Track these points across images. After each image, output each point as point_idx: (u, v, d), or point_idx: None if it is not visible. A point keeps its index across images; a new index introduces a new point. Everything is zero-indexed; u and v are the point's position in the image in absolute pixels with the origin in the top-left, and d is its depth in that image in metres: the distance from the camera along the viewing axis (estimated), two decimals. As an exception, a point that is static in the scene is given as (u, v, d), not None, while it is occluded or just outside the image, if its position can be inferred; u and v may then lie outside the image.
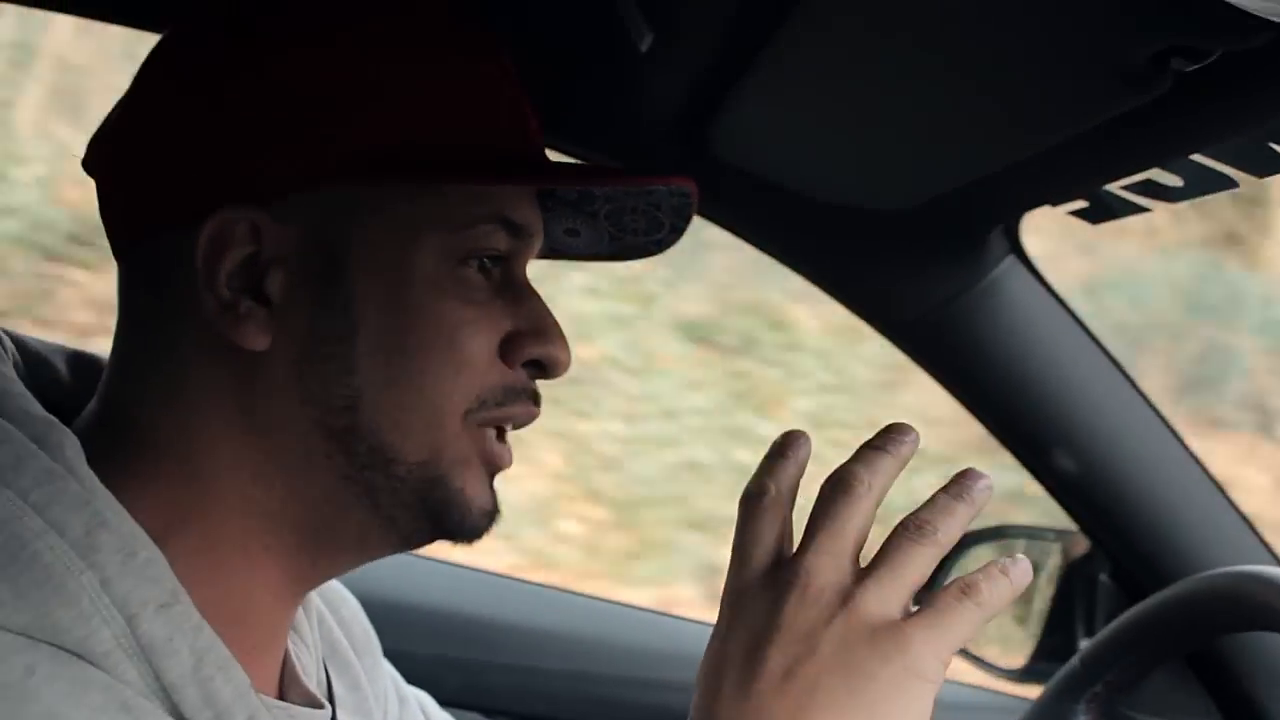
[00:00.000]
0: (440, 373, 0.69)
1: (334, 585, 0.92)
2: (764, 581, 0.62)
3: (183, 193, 0.69)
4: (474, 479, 0.72)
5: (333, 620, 0.88)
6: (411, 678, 1.04)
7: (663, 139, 1.15)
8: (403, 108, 0.69)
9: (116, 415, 0.70)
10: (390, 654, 0.99)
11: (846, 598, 0.60)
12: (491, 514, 0.73)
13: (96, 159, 0.73)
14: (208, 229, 0.67)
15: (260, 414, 0.68)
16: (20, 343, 0.75)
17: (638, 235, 0.81)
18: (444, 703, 1.09)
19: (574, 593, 1.74)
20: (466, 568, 1.68)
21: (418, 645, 1.43)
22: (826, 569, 0.61)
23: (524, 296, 0.74)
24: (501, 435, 0.74)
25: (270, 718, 0.66)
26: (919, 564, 0.61)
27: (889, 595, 0.61)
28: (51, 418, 0.66)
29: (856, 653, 0.59)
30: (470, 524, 0.72)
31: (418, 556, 1.51)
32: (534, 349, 0.73)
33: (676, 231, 0.80)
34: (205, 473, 0.68)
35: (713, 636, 0.64)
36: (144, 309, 0.71)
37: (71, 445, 0.64)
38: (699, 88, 1.04)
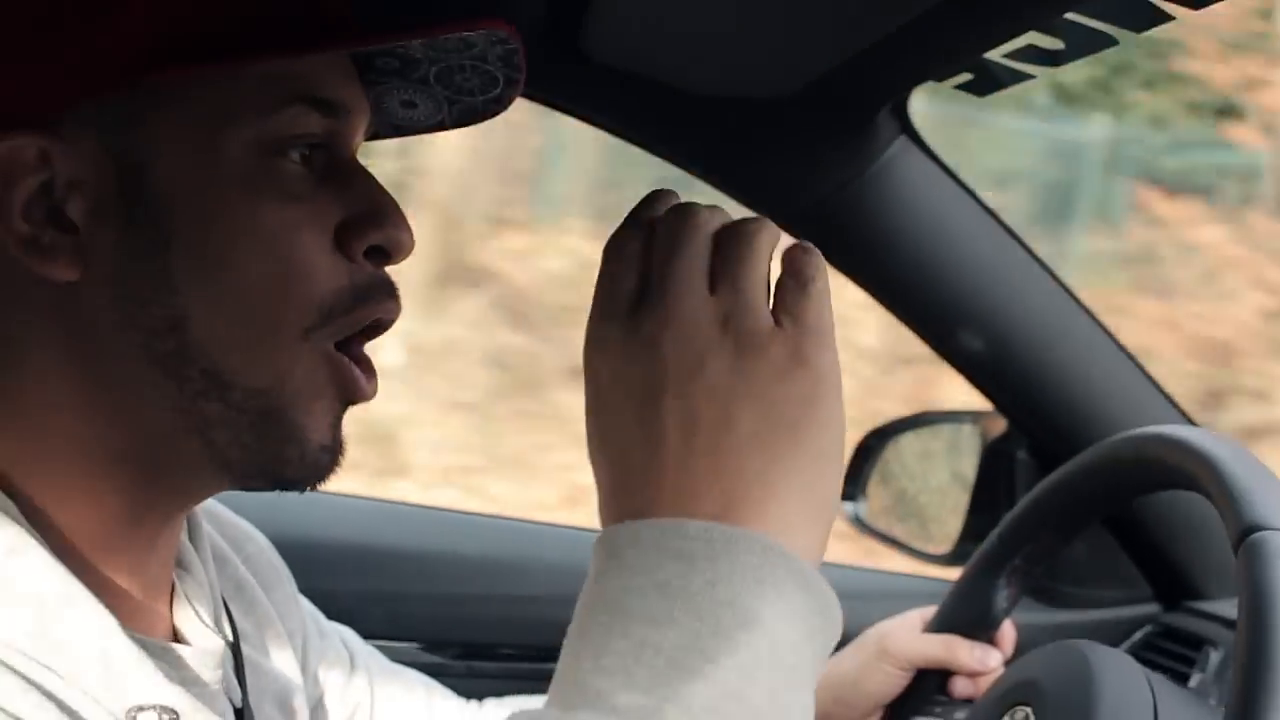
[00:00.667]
0: (267, 282, 0.65)
1: (239, 523, 0.90)
2: (627, 330, 0.58)
3: None
4: (318, 411, 0.67)
5: (237, 559, 0.86)
6: (334, 615, 1.02)
7: (533, 43, 1.11)
8: (159, 6, 0.63)
9: None
10: (310, 593, 0.97)
11: (723, 321, 0.57)
12: (332, 450, 0.69)
13: None
14: None
15: (84, 346, 0.64)
16: None
17: (474, 95, 0.76)
18: (369, 636, 1.07)
19: (490, 516, 1.73)
20: (378, 500, 1.66)
21: (337, 582, 1.41)
22: (686, 298, 0.57)
23: (352, 180, 0.69)
24: (360, 360, 0.69)
25: (139, 654, 0.63)
26: (760, 263, 0.59)
27: (757, 306, 0.58)
28: None
29: (756, 374, 0.56)
30: (309, 462, 0.68)
31: (329, 494, 1.49)
32: (372, 234, 0.68)
33: (512, 84, 0.75)
34: (37, 411, 0.65)
35: (588, 421, 0.59)
36: None
37: None
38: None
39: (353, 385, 0.69)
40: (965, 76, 1.08)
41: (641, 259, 0.60)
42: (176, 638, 0.73)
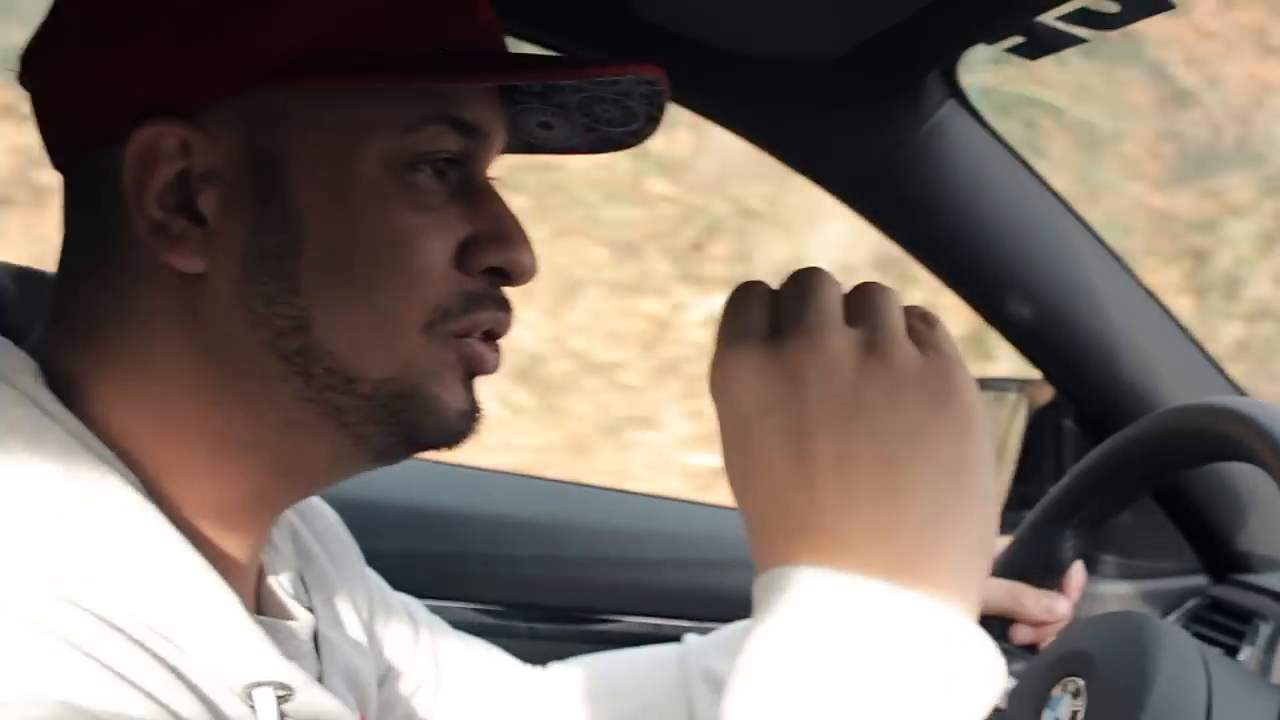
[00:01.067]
0: (390, 285, 0.66)
1: (310, 499, 0.90)
2: (767, 358, 0.55)
3: (105, 108, 0.65)
4: (450, 382, 0.69)
5: (308, 534, 0.87)
6: (381, 574, 1.03)
7: (583, 4, 1.11)
8: (326, 4, 0.64)
9: (67, 337, 0.67)
10: (363, 553, 0.98)
11: (869, 351, 0.54)
12: (471, 414, 0.70)
13: (27, 73, 0.69)
14: (133, 145, 0.63)
15: (209, 338, 0.65)
16: None
17: (612, 126, 0.76)
18: (415, 595, 1.08)
19: (537, 478, 1.73)
20: (426, 461, 1.67)
21: (384, 541, 1.42)
22: (830, 328, 0.55)
23: (483, 199, 0.70)
24: (486, 338, 0.70)
25: (258, 631, 0.65)
26: (894, 302, 0.57)
27: (902, 336, 0.55)
28: (5, 341, 0.65)
29: (912, 407, 0.53)
30: (448, 429, 0.69)
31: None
32: (493, 255, 0.69)
33: (652, 120, 0.75)
34: (165, 396, 0.66)
35: (729, 455, 0.56)
36: (83, 229, 0.68)
37: (30, 369, 0.63)
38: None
39: (478, 359, 0.70)
40: (1016, 39, 1.07)
41: (771, 301, 0.58)
42: (262, 611, 0.74)
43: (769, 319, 0.57)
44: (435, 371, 0.68)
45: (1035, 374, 1.43)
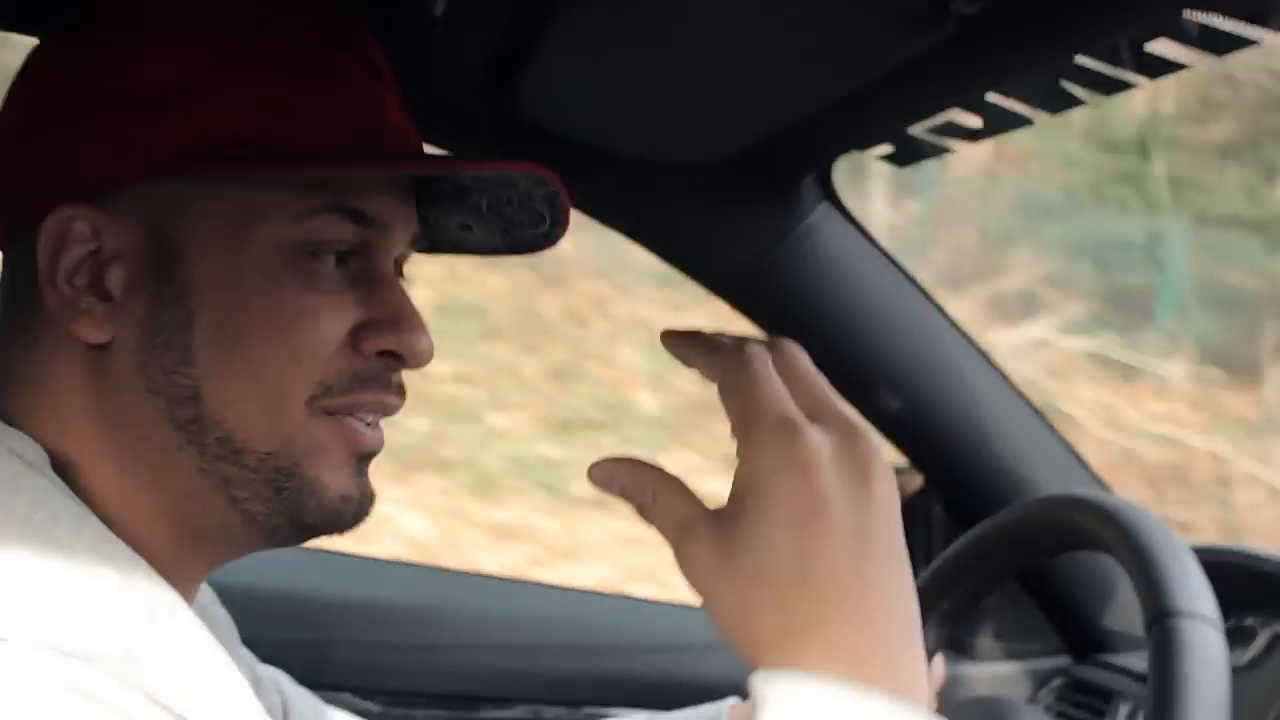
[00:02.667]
0: (275, 359, 0.68)
1: None
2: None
3: (26, 192, 0.70)
4: (332, 465, 0.70)
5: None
6: (272, 662, 1.02)
7: (467, 106, 1.13)
8: (228, 102, 0.69)
9: (4, 405, 0.71)
10: (248, 640, 0.97)
11: (843, 451, 0.58)
12: (355, 500, 0.72)
13: None
14: (46, 228, 0.68)
15: (113, 407, 0.69)
16: None
17: (524, 228, 0.80)
18: (306, 684, 1.07)
19: (413, 564, 1.72)
20: (313, 549, 1.65)
21: (260, 630, 1.40)
22: (804, 429, 0.58)
23: (380, 287, 0.72)
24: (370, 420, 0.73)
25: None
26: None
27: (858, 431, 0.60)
28: None
29: (879, 507, 0.58)
30: (330, 511, 0.71)
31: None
32: (386, 339, 0.71)
33: (558, 223, 0.79)
34: (77, 462, 0.69)
35: (744, 536, 0.58)
36: (10, 296, 0.72)
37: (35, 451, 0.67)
38: (498, 49, 1.03)
39: (357, 440, 0.71)
40: (887, 148, 1.11)
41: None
42: None
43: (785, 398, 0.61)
44: (314, 450, 0.70)
45: (904, 462, 1.47)
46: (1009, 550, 1.11)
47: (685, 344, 0.66)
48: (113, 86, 0.69)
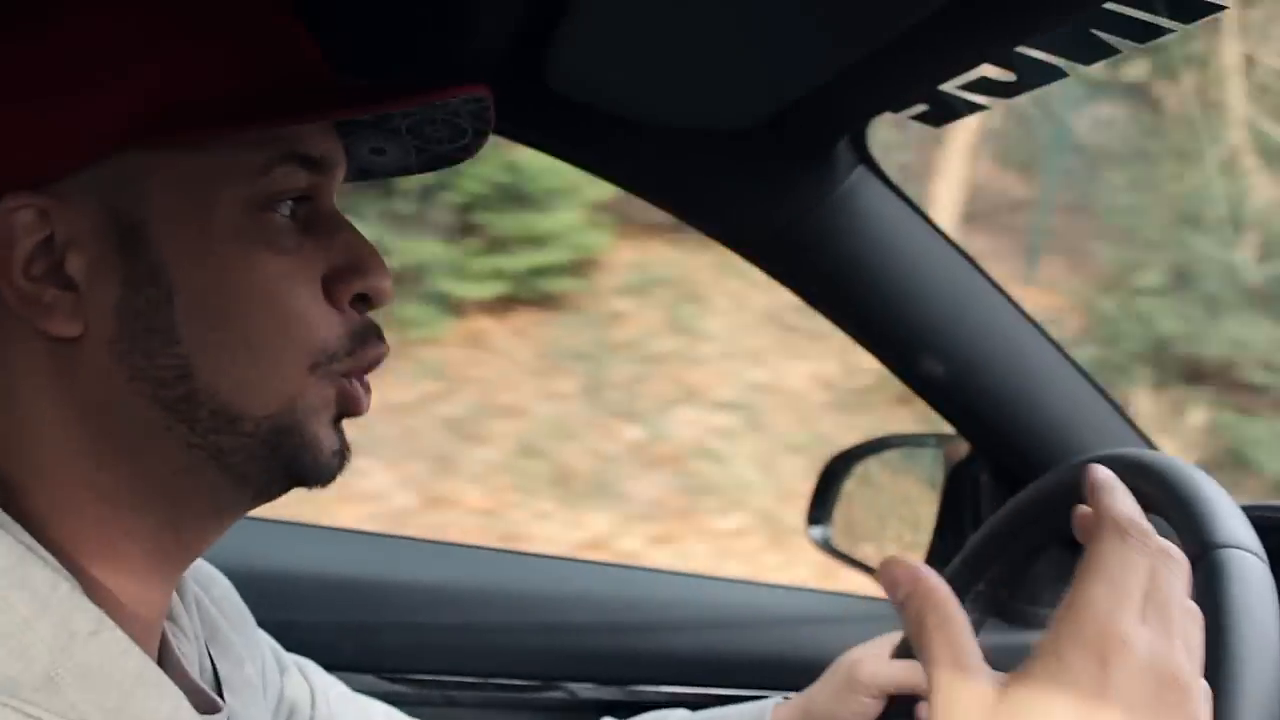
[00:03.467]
0: (267, 329, 0.67)
1: (202, 565, 0.90)
2: (1143, 671, 0.58)
3: None
4: (325, 423, 0.70)
5: (208, 601, 0.86)
6: (305, 647, 1.02)
7: (497, 77, 1.12)
8: (162, 63, 0.65)
9: None
10: (281, 624, 0.98)
11: (1176, 675, 0.59)
12: (342, 454, 0.72)
13: None
14: None
15: (89, 399, 0.66)
16: None
17: (442, 144, 0.78)
18: (340, 668, 1.08)
19: (457, 544, 1.73)
20: (349, 530, 1.66)
21: (307, 614, 1.41)
22: (1144, 638, 0.59)
23: (334, 229, 0.71)
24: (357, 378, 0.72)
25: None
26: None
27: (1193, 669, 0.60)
28: None
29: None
30: (323, 465, 0.71)
31: (288, 522, 1.49)
32: (357, 284, 0.71)
33: (480, 135, 0.78)
34: (47, 464, 0.66)
35: (1053, 680, 0.59)
36: None
37: None
38: (528, 20, 1.02)
39: (353, 401, 0.71)
40: (921, 107, 1.10)
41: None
42: None
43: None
44: (316, 409, 0.69)
45: (950, 429, 1.45)
46: (1053, 514, 1.09)
47: None
48: (36, 61, 0.64)
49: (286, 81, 0.69)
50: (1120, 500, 0.65)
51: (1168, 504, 0.90)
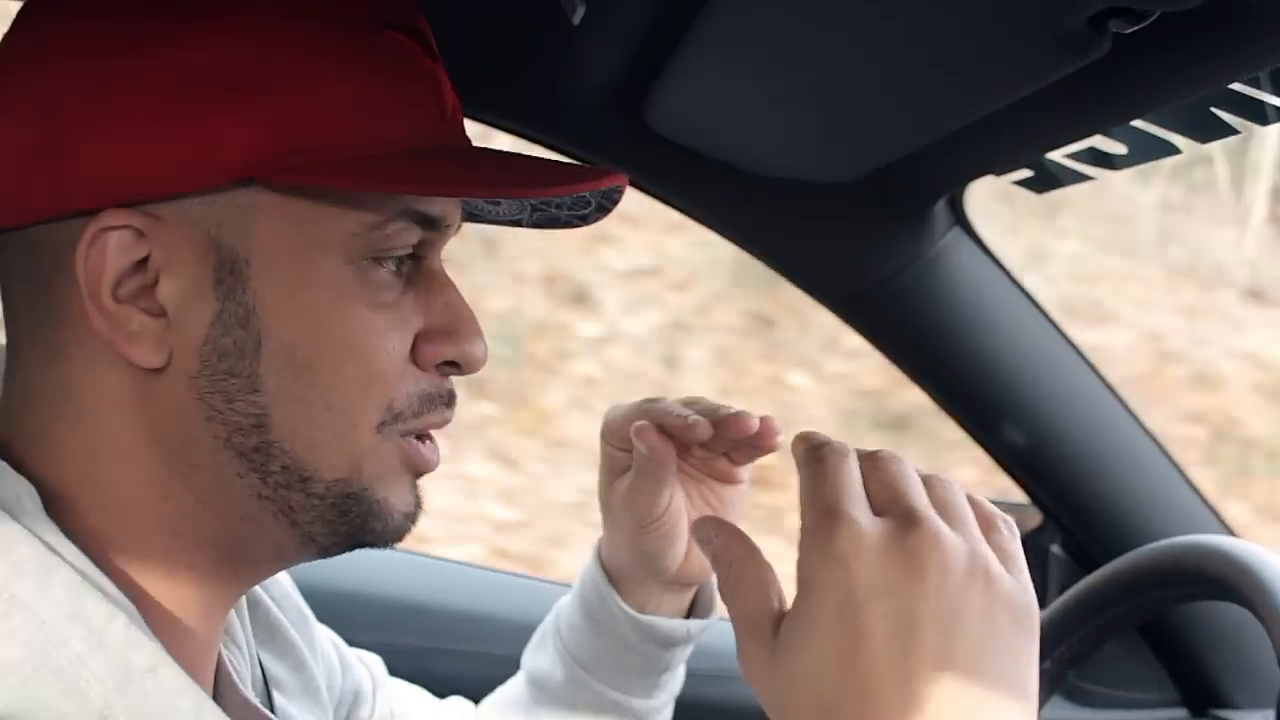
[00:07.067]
0: (349, 385, 0.64)
1: None
2: (887, 551, 0.56)
3: (60, 186, 0.61)
4: (397, 486, 0.68)
5: (269, 601, 0.85)
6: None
7: (598, 113, 1.12)
8: (306, 96, 0.62)
9: (15, 424, 0.65)
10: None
11: (973, 559, 0.57)
12: (413, 515, 0.70)
13: None
14: (87, 234, 0.60)
15: (164, 432, 0.63)
16: None
17: (562, 209, 0.75)
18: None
19: (519, 575, 1.72)
20: (411, 553, 1.66)
21: (363, 634, 1.40)
22: (943, 530, 0.57)
23: (436, 289, 0.69)
24: (422, 438, 0.70)
25: None
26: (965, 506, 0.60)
27: (1004, 563, 0.58)
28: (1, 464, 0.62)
29: (1002, 626, 0.56)
30: (393, 530, 0.69)
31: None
32: (448, 349, 0.68)
33: (604, 210, 0.74)
34: (117, 493, 0.64)
35: (810, 638, 0.57)
36: (27, 304, 0.65)
37: (31, 495, 0.61)
38: (634, 60, 1.02)
39: (421, 462, 0.69)
40: (1025, 173, 1.09)
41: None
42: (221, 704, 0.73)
43: (862, 497, 0.59)
44: (382, 474, 0.67)
45: (1023, 498, 1.44)
46: (1131, 597, 1.08)
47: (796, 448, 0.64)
48: (171, 70, 0.60)
49: (419, 135, 0.66)
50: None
51: (1257, 598, 0.88)
